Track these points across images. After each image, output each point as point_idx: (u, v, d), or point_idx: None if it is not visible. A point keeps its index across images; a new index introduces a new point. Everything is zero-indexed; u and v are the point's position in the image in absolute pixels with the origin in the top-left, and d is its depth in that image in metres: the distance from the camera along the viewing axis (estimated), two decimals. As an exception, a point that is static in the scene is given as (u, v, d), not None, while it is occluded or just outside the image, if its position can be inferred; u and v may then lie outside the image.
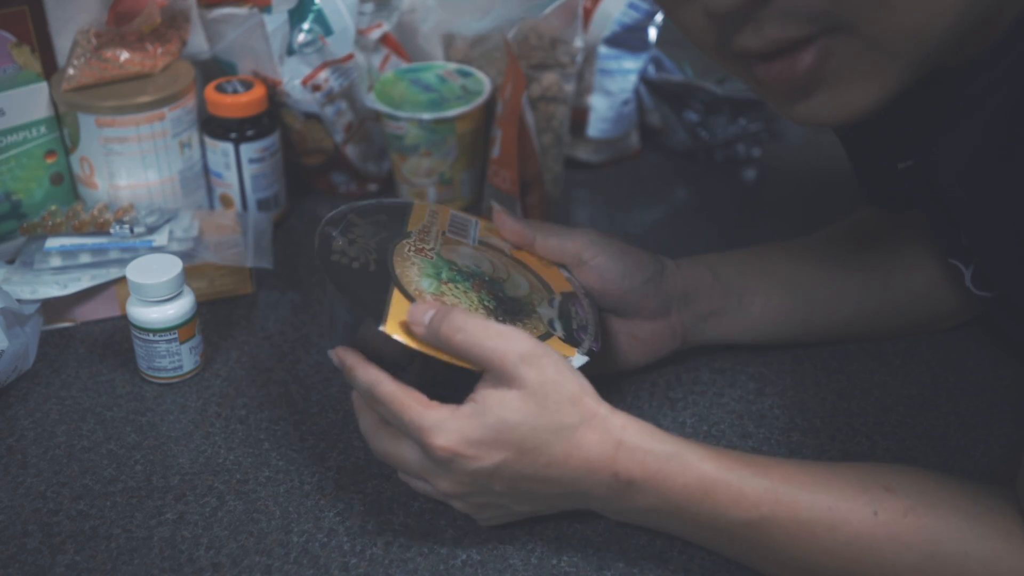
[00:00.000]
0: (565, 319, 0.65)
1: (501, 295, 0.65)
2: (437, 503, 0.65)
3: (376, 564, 0.61)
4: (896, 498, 0.55)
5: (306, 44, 0.87)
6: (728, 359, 0.76)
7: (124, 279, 0.76)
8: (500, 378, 0.56)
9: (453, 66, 0.95)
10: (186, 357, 0.73)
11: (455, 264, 0.66)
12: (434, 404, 0.57)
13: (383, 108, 0.89)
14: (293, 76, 0.88)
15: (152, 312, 0.71)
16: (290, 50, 0.87)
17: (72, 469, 0.67)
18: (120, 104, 0.82)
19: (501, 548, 0.62)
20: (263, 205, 0.89)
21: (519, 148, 0.84)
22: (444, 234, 0.69)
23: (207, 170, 0.89)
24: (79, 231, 0.80)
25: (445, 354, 0.58)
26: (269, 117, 0.88)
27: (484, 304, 0.63)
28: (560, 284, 0.68)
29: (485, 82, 0.92)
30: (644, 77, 0.99)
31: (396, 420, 0.58)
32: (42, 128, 0.84)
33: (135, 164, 0.84)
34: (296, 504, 0.65)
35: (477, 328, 0.57)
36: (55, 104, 0.84)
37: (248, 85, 0.87)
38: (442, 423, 0.56)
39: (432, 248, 0.67)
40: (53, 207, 0.83)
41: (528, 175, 0.86)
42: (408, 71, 0.94)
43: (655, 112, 1.01)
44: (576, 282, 0.69)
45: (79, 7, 0.84)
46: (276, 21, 0.85)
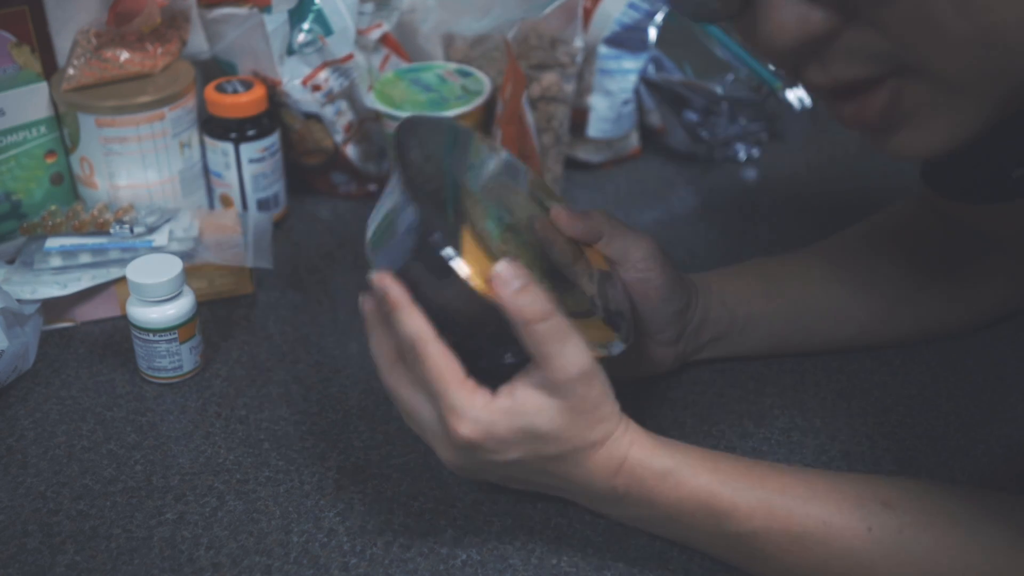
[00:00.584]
0: (603, 298, 0.62)
1: (548, 259, 0.61)
2: (438, 503, 0.65)
3: (376, 564, 0.61)
4: (893, 514, 0.54)
5: (306, 44, 0.87)
6: (728, 359, 0.76)
7: (124, 279, 0.76)
8: (550, 385, 0.55)
9: (453, 66, 0.95)
10: (186, 357, 0.73)
11: (513, 212, 0.62)
12: (470, 385, 0.55)
13: (383, 108, 0.89)
14: (293, 76, 0.88)
15: (152, 312, 0.71)
16: (290, 50, 0.87)
17: (72, 469, 0.67)
18: (120, 104, 0.82)
19: (501, 548, 0.62)
20: (263, 205, 0.89)
21: (519, 148, 0.84)
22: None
23: (207, 170, 0.89)
24: (79, 231, 0.80)
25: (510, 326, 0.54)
26: (269, 117, 0.88)
27: (540, 264, 0.60)
28: (597, 260, 0.66)
29: (485, 82, 0.92)
30: (644, 77, 0.99)
31: (427, 382, 0.56)
32: (42, 128, 0.84)
33: (135, 164, 0.84)
34: (296, 504, 0.65)
35: (559, 326, 0.54)
36: (55, 104, 0.84)
37: (248, 85, 0.87)
38: (473, 411, 0.55)
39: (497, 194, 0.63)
40: (53, 207, 0.83)
41: (528, 175, 0.86)
42: (408, 71, 0.94)
43: (655, 112, 1.01)
44: (612, 263, 0.66)
45: (79, 7, 0.84)
46: (276, 21, 0.85)
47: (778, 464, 0.60)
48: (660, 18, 0.96)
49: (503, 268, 0.53)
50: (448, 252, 0.53)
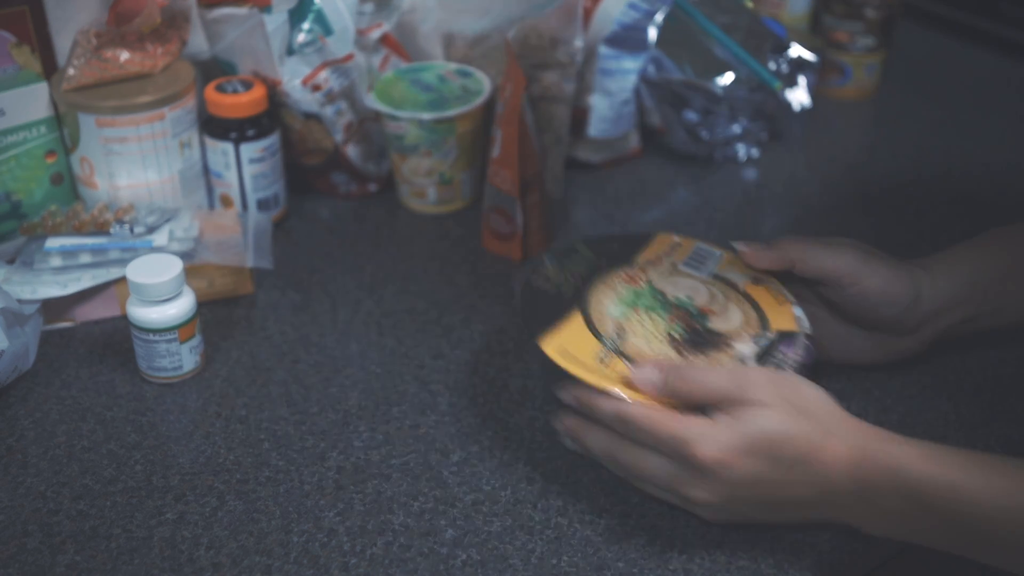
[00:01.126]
0: (765, 357, 0.65)
1: (699, 327, 0.67)
2: (437, 503, 0.65)
3: (376, 564, 0.61)
4: None
5: (306, 44, 0.87)
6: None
7: (124, 279, 0.76)
8: (746, 398, 0.58)
9: (453, 66, 0.95)
10: (186, 357, 0.73)
11: (664, 294, 0.70)
12: (688, 416, 0.59)
13: (383, 108, 0.89)
14: (293, 76, 0.88)
15: (152, 312, 0.71)
16: (290, 50, 0.87)
17: (72, 469, 0.67)
18: (120, 104, 0.82)
19: (501, 548, 0.62)
20: (263, 205, 0.89)
21: (519, 148, 0.84)
22: (677, 266, 0.72)
23: (207, 170, 0.89)
24: (79, 231, 0.80)
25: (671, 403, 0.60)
26: (269, 117, 0.88)
27: (670, 332, 0.66)
28: (785, 322, 0.68)
29: (485, 82, 0.92)
30: (644, 77, 0.99)
31: (650, 436, 0.60)
32: (42, 128, 0.84)
33: (135, 164, 0.84)
34: (296, 504, 0.65)
35: (703, 373, 0.59)
36: (55, 104, 0.84)
37: (248, 85, 0.87)
38: (704, 434, 0.58)
39: (648, 278, 0.71)
40: (53, 207, 0.83)
41: (528, 175, 0.86)
42: (408, 71, 0.94)
43: (655, 112, 1.01)
44: (806, 323, 0.68)
45: (79, 7, 0.84)
46: (276, 21, 0.85)
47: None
48: (660, 18, 0.96)
49: (636, 375, 0.60)
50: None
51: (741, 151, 1.02)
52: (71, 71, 0.82)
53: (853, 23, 1.11)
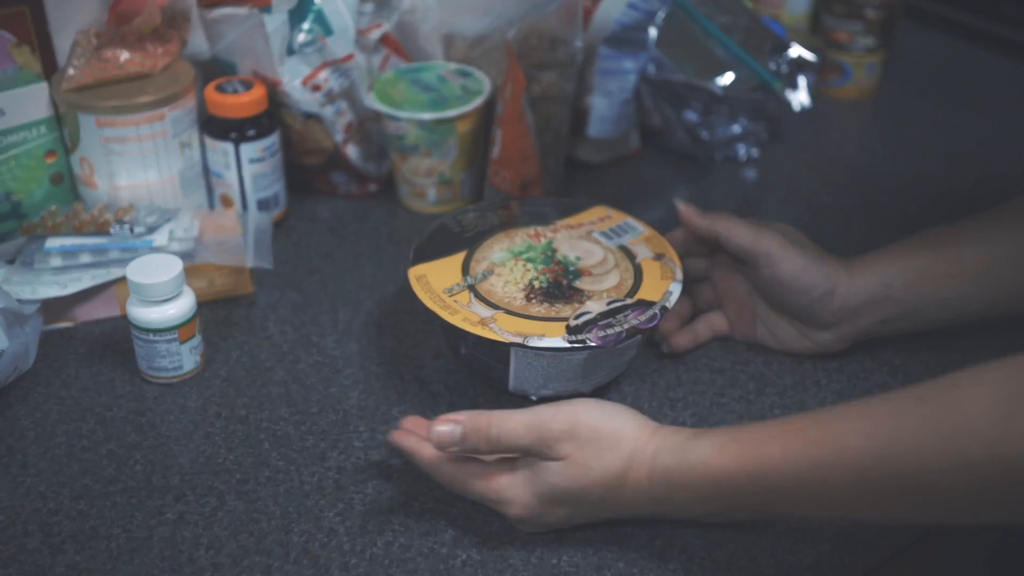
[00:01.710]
0: (607, 316, 0.68)
1: (565, 282, 0.71)
2: (437, 503, 0.65)
3: (376, 564, 0.61)
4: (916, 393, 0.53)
5: (306, 44, 0.87)
6: (728, 359, 0.76)
7: (124, 279, 0.76)
8: (546, 454, 0.60)
9: (453, 66, 0.95)
10: (186, 357, 0.73)
11: (555, 251, 0.73)
12: (493, 476, 0.61)
13: (383, 108, 0.89)
14: (293, 76, 0.88)
15: (152, 312, 0.71)
16: (290, 50, 0.87)
17: (72, 469, 0.67)
18: (120, 104, 0.82)
19: (501, 548, 0.62)
20: (263, 205, 0.89)
21: (519, 148, 0.84)
22: (592, 233, 0.76)
23: (207, 170, 0.89)
24: (79, 231, 0.80)
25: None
26: (269, 117, 0.88)
27: (532, 282, 0.71)
28: (653, 294, 0.70)
29: (485, 82, 0.92)
30: (644, 77, 0.98)
31: (463, 490, 0.63)
32: (42, 128, 0.84)
33: (135, 164, 0.84)
34: (296, 504, 0.65)
35: (507, 423, 0.60)
36: (55, 104, 0.84)
37: (248, 85, 0.87)
38: (510, 497, 0.60)
39: (552, 237, 0.75)
40: (53, 207, 0.83)
41: (528, 175, 0.86)
42: (408, 71, 0.94)
43: (655, 112, 1.01)
44: (672, 299, 0.70)
45: (79, 7, 0.84)
46: (276, 21, 0.85)
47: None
48: (660, 18, 0.96)
49: (436, 435, 0.60)
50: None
51: (741, 151, 1.02)
52: (71, 71, 0.82)
53: (853, 23, 1.11)
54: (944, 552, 0.76)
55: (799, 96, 1.03)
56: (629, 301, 0.69)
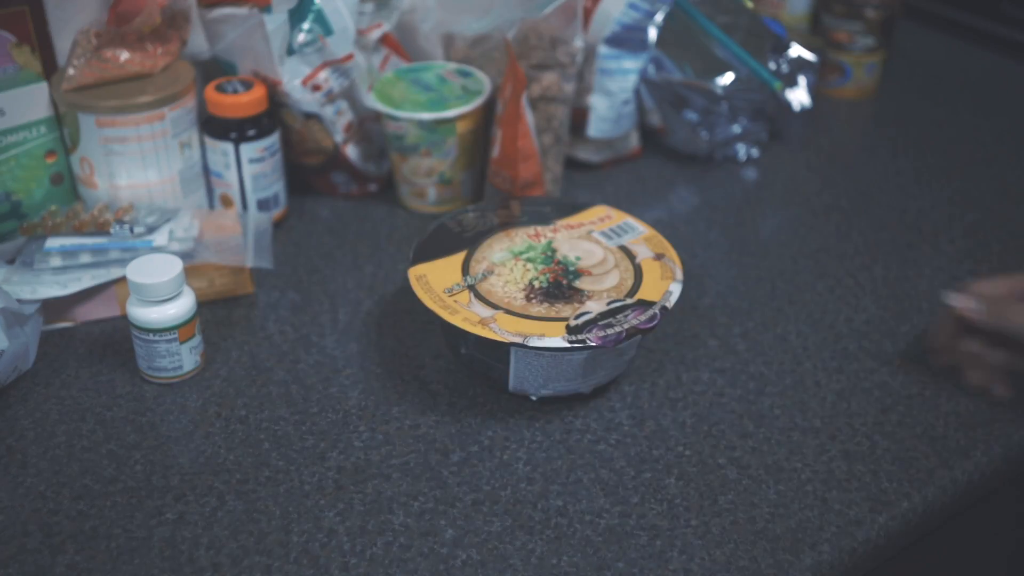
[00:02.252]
0: (607, 316, 0.68)
1: (565, 282, 0.71)
2: (437, 503, 0.65)
3: (376, 564, 0.61)
4: None
5: (306, 44, 0.87)
6: (728, 359, 0.76)
7: (124, 279, 0.76)
8: None
9: (453, 66, 0.95)
10: (186, 357, 0.73)
11: (555, 251, 0.74)
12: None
13: (383, 108, 0.89)
14: (293, 76, 0.88)
15: (152, 312, 0.71)
16: (290, 50, 0.87)
17: (72, 469, 0.67)
18: (120, 104, 0.82)
19: (501, 548, 0.62)
20: (263, 205, 0.89)
21: (519, 148, 0.84)
22: (592, 232, 0.76)
23: (207, 170, 0.89)
24: (79, 231, 0.80)
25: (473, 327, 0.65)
26: (269, 117, 0.88)
27: (532, 282, 0.71)
28: (653, 294, 0.71)
29: (485, 82, 0.92)
30: (644, 77, 0.99)
31: None
32: (42, 128, 0.84)
33: (135, 164, 0.84)
34: (296, 504, 0.65)
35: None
36: (55, 104, 0.84)
37: (248, 85, 0.87)
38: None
39: (552, 237, 0.75)
40: (53, 207, 0.83)
41: (528, 175, 0.86)
42: (408, 71, 0.94)
43: (655, 112, 1.01)
44: (672, 299, 0.70)
45: (79, 7, 0.84)
46: (276, 21, 0.85)
47: None
48: (660, 18, 0.96)
49: None
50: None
51: (741, 151, 1.02)
52: (71, 71, 0.82)
53: (853, 23, 1.11)
54: (944, 552, 0.76)
55: (799, 96, 1.03)
56: (629, 301, 0.69)
